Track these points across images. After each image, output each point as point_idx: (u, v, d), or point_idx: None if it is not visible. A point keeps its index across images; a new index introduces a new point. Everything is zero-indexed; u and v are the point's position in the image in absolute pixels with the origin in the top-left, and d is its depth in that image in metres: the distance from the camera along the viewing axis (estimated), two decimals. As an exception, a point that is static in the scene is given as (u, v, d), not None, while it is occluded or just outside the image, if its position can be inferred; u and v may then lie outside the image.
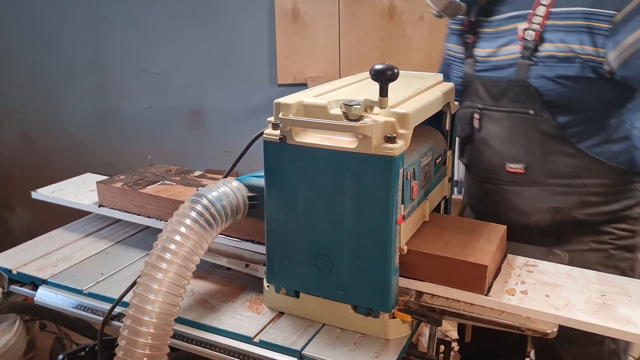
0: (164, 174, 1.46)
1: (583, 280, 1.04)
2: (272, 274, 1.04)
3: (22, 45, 2.89)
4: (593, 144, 1.25)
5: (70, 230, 1.46)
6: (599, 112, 1.25)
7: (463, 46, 1.42)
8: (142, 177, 1.42)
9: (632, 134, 1.23)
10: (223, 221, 0.99)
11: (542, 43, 1.23)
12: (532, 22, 1.23)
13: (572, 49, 1.19)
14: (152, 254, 0.92)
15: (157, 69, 2.83)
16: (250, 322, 1.04)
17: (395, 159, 0.86)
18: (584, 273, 1.07)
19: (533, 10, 1.24)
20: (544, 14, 1.22)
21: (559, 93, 1.23)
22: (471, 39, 1.38)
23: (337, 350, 0.95)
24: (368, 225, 0.91)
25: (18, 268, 1.25)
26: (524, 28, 1.25)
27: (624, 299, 0.98)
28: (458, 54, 1.44)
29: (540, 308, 0.95)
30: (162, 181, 1.40)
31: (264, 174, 0.98)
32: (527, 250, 1.18)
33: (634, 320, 0.91)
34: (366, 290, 0.96)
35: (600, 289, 1.01)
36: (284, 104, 0.93)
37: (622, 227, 1.31)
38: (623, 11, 1.12)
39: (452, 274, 0.98)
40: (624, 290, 1.00)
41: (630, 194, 1.29)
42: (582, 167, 1.26)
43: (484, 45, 1.36)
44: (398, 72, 0.86)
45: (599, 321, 0.91)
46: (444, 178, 1.24)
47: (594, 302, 0.97)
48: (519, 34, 1.26)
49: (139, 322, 0.87)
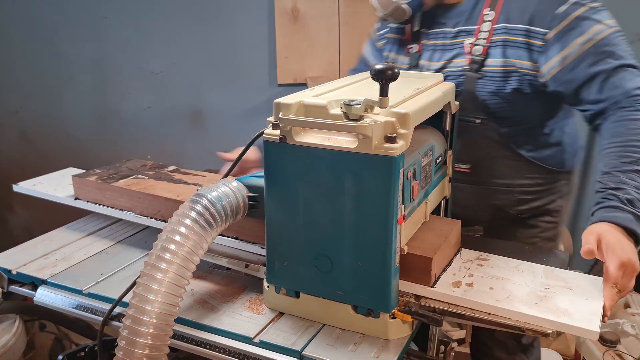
0: (138, 169, 1.49)
1: (530, 274, 1.07)
2: (272, 274, 1.04)
3: (22, 45, 2.89)
4: (530, 149, 1.38)
5: (70, 230, 1.46)
6: (536, 122, 1.37)
7: (407, 56, 1.48)
8: (117, 171, 1.46)
9: (562, 139, 1.41)
10: (223, 221, 0.99)
11: (488, 58, 1.31)
12: (479, 38, 1.32)
13: (513, 63, 1.28)
14: (152, 254, 0.92)
15: (157, 69, 2.83)
16: (250, 322, 1.03)
17: (395, 159, 0.86)
18: (532, 267, 1.09)
19: (478, 26, 1.33)
20: (489, 29, 1.31)
21: (501, 104, 1.33)
22: (417, 49, 1.45)
23: (337, 350, 0.95)
24: (368, 225, 0.91)
25: (18, 268, 1.24)
26: (471, 43, 1.34)
27: (566, 292, 1.00)
28: (402, 64, 1.49)
29: (482, 300, 0.97)
30: (135, 175, 1.43)
31: (264, 174, 0.98)
32: (526, 251, 1.18)
33: (570, 312, 0.93)
34: (366, 291, 0.96)
35: (545, 282, 1.04)
36: (284, 103, 0.93)
37: (547, 219, 1.45)
38: (554, 30, 1.23)
39: (402, 266, 0.99)
40: (568, 283, 1.03)
41: (556, 189, 1.44)
42: (520, 169, 1.39)
43: (431, 57, 1.42)
44: (398, 71, 0.86)
45: (536, 313, 0.93)
46: (445, 178, 1.24)
47: (536, 294, 0.99)
48: (466, 49, 1.34)
49: (139, 323, 0.87)
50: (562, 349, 1.92)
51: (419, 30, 1.44)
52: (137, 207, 1.32)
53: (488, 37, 1.31)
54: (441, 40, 1.41)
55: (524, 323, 0.93)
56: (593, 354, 1.84)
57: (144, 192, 1.31)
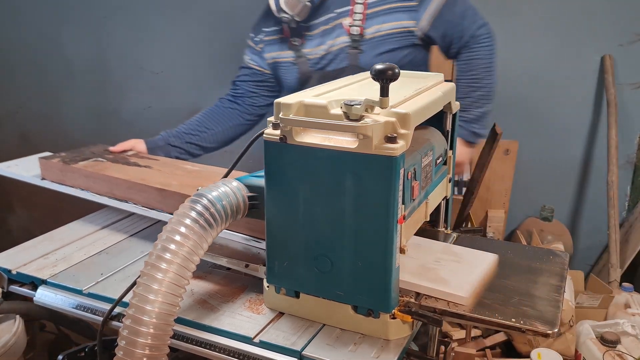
0: (101, 153, 1.61)
1: (429, 249, 1.12)
2: (272, 274, 1.04)
3: (22, 45, 2.89)
4: None
5: (69, 230, 1.46)
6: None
7: (291, 49, 1.66)
8: (80, 155, 1.57)
9: None
10: (223, 221, 0.99)
11: (366, 31, 1.54)
12: (355, 19, 1.55)
13: (392, 26, 1.53)
14: (152, 254, 0.92)
15: (157, 68, 2.83)
16: (250, 322, 1.03)
17: (396, 159, 0.86)
18: (432, 244, 1.16)
19: (352, 7, 1.55)
20: (362, 10, 1.54)
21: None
22: (299, 41, 1.64)
23: (337, 350, 0.95)
24: (368, 225, 0.91)
25: (18, 268, 1.24)
26: (349, 24, 1.56)
27: (453, 264, 1.06)
28: (287, 58, 1.68)
29: None
30: (95, 158, 1.55)
31: (264, 173, 0.98)
32: (525, 251, 1.18)
33: (447, 280, 1.00)
34: (366, 291, 0.96)
35: (439, 256, 1.09)
36: (284, 103, 0.93)
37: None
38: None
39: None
40: (459, 258, 1.08)
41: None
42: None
43: (315, 44, 1.63)
44: (399, 72, 0.86)
45: (416, 281, 1.00)
46: (445, 178, 1.24)
47: (425, 266, 1.06)
48: (345, 29, 1.56)
49: (139, 322, 0.87)
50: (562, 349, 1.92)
51: (298, 25, 1.60)
52: (93, 187, 1.44)
53: (362, 17, 1.54)
54: (322, 27, 1.60)
55: (524, 323, 0.93)
56: (593, 354, 1.84)
57: (98, 173, 1.42)
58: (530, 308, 0.97)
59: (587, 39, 2.33)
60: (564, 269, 1.11)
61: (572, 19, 2.33)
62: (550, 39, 2.37)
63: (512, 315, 0.95)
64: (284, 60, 1.70)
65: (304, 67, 1.65)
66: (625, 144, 2.39)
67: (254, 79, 1.81)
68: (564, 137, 2.45)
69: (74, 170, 1.46)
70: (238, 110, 1.83)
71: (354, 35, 1.55)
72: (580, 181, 2.50)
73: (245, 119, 1.84)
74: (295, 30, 1.64)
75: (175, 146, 1.75)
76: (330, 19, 1.60)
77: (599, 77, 2.36)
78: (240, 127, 1.84)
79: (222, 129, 1.80)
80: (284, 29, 1.67)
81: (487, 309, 0.97)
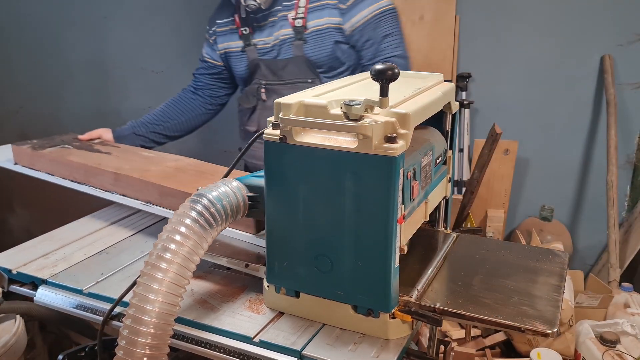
0: (69, 140, 1.75)
1: None
2: (272, 274, 1.04)
3: (22, 45, 2.89)
4: None
5: (69, 230, 1.46)
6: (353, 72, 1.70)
7: (241, 39, 1.78)
8: (50, 142, 1.70)
9: None
10: (223, 221, 0.99)
11: (308, 24, 1.66)
12: (298, 13, 1.66)
13: (327, 21, 1.65)
14: (152, 254, 0.92)
15: (157, 68, 2.83)
16: (250, 322, 1.04)
17: (395, 159, 0.86)
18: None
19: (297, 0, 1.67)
20: (305, 5, 1.66)
21: (324, 59, 1.68)
22: (248, 30, 1.75)
23: (337, 350, 0.95)
24: (368, 225, 0.91)
25: (18, 268, 1.25)
26: (293, 17, 1.67)
27: None
28: (237, 48, 1.80)
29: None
30: (62, 145, 1.68)
31: (264, 173, 0.98)
32: (525, 250, 1.18)
33: None
34: (366, 291, 0.96)
35: None
36: (284, 103, 0.93)
37: None
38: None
39: None
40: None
41: None
42: None
43: (262, 34, 1.74)
44: (399, 72, 0.86)
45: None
46: (444, 178, 1.24)
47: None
48: (290, 22, 1.67)
49: (139, 322, 0.87)
50: (562, 349, 1.92)
51: (247, 16, 1.73)
52: (57, 171, 1.56)
53: (304, 11, 1.65)
54: (271, 18, 1.71)
55: (523, 323, 0.93)
56: (593, 354, 1.84)
57: (60, 159, 1.55)
58: (529, 308, 0.97)
59: (587, 39, 2.34)
60: (564, 269, 1.12)
61: (572, 19, 2.33)
62: (550, 38, 2.37)
63: (511, 314, 0.95)
64: (234, 50, 1.81)
65: (252, 55, 1.76)
66: (625, 144, 2.39)
67: (209, 71, 1.93)
68: (563, 137, 2.46)
69: (41, 156, 1.59)
70: (199, 101, 1.96)
71: (297, 27, 1.66)
72: (579, 181, 2.51)
73: (206, 109, 1.98)
74: (245, 20, 1.75)
75: (140, 135, 1.87)
76: (278, 11, 1.70)
77: (599, 77, 2.36)
78: (202, 116, 1.98)
79: (184, 119, 1.94)
80: (235, 19, 1.78)
81: (487, 309, 0.97)
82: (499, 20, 2.43)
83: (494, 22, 2.44)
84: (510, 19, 2.40)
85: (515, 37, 2.41)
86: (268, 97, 1.78)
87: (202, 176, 1.42)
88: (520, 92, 2.46)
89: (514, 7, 2.39)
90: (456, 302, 0.99)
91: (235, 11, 1.78)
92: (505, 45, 2.44)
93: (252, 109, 1.85)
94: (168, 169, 1.47)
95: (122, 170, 1.43)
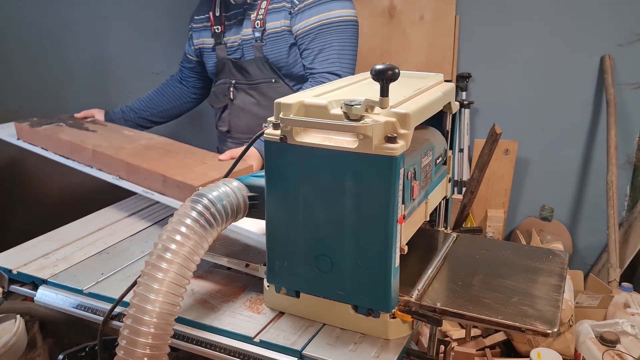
0: (65, 119, 1.89)
1: None
2: (273, 274, 1.04)
3: (22, 45, 2.89)
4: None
5: (70, 230, 1.46)
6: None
7: (213, 37, 1.83)
8: (48, 120, 1.83)
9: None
10: (223, 221, 0.99)
11: (267, 25, 1.70)
12: (259, 14, 1.71)
13: (282, 24, 1.68)
14: (153, 254, 0.92)
15: (157, 69, 2.83)
16: (250, 322, 1.04)
17: (396, 159, 0.86)
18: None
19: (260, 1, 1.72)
20: (265, 6, 1.71)
21: (282, 61, 1.71)
22: (220, 29, 1.81)
23: (337, 350, 0.95)
24: (368, 225, 0.91)
25: (18, 268, 1.25)
26: (254, 18, 1.72)
27: None
28: (209, 45, 1.85)
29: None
30: (57, 123, 1.81)
31: (265, 173, 0.98)
32: (525, 250, 1.18)
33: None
34: (366, 290, 0.96)
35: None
36: (285, 103, 0.93)
37: None
38: (302, 4, 1.66)
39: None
40: None
41: None
42: None
43: (231, 33, 1.79)
44: (399, 72, 0.86)
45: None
46: (444, 178, 1.24)
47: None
48: (252, 23, 1.72)
49: (140, 322, 0.87)
50: (562, 348, 1.92)
51: (220, 14, 1.79)
52: (50, 146, 1.69)
53: (265, 6, 1.70)
54: (239, 17, 1.76)
55: (523, 323, 0.93)
56: (592, 354, 1.84)
57: (51, 136, 1.68)
58: (529, 307, 0.97)
59: (586, 39, 2.34)
60: (564, 269, 1.12)
61: (572, 19, 2.33)
62: (550, 38, 2.37)
63: (511, 314, 0.95)
64: (207, 46, 1.87)
65: (221, 54, 1.82)
66: (625, 144, 2.39)
67: (187, 65, 2.03)
68: (563, 137, 2.46)
69: (36, 132, 1.74)
70: (184, 90, 2.07)
71: (256, 28, 1.71)
72: (579, 181, 2.51)
73: (191, 98, 2.09)
74: (218, 18, 1.81)
75: (128, 120, 2.02)
76: (244, 11, 1.75)
77: (599, 77, 2.36)
78: (187, 104, 2.09)
79: (170, 106, 2.07)
80: (210, 16, 1.84)
81: (487, 309, 0.97)
82: (499, 20, 2.43)
83: (494, 22, 2.44)
84: (510, 19, 2.40)
85: (515, 37, 2.41)
86: (236, 96, 1.82)
87: (167, 154, 1.53)
88: (520, 92, 2.46)
89: (514, 7, 2.39)
90: (456, 302, 0.99)
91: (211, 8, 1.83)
92: (505, 45, 2.45)
93: (221, 109, 1.89)
94: (139, 147, 1.59)
95: (99, 148, 1.55)
